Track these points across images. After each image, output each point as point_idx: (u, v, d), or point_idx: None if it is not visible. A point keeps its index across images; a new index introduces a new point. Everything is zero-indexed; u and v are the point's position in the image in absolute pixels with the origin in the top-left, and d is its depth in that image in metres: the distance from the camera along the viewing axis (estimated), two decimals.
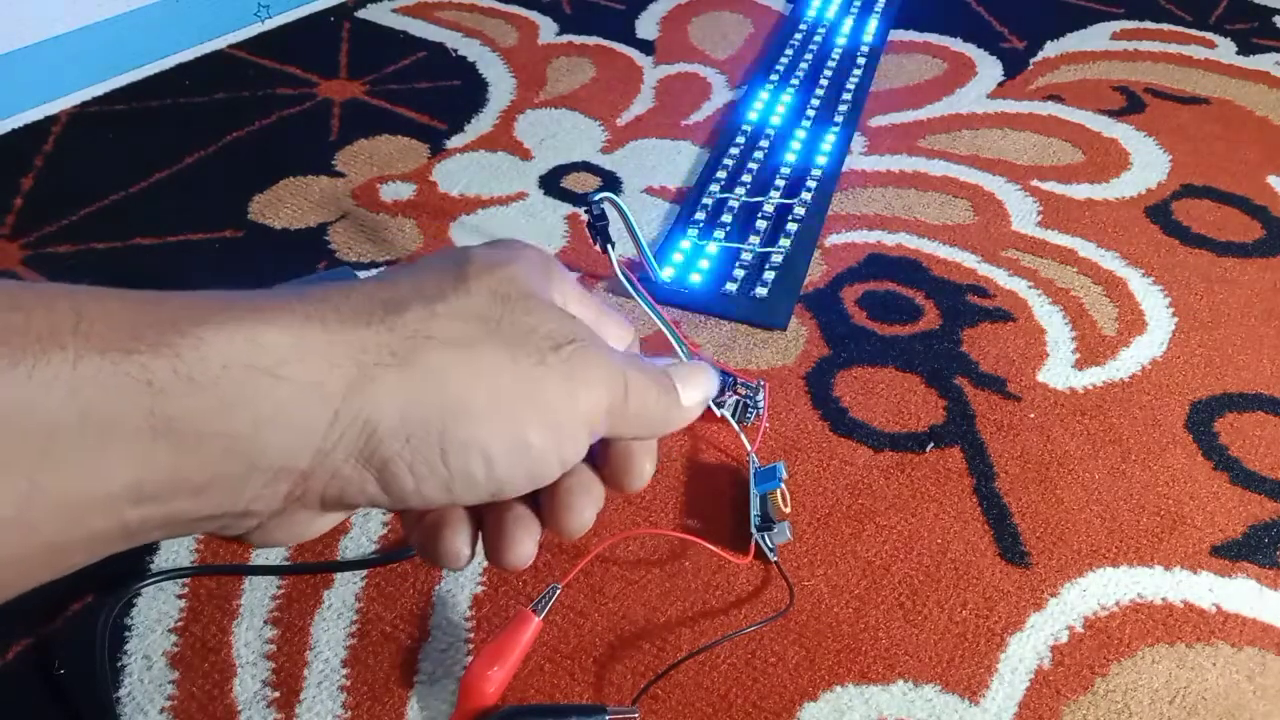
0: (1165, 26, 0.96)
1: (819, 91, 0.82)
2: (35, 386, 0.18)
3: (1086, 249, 0.67)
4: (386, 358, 0.22)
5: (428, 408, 0.22)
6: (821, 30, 0.92)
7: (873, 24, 0.93)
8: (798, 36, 0.91)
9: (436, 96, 0.82)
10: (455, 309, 0.23)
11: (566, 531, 0.26)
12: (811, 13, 0.95)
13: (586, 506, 0.26)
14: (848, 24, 0.94)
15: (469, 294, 0.24)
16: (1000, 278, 0.64)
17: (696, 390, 0.28)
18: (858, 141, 0.77)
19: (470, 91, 0.82)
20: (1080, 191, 0.72)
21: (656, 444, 0.28)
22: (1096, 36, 0.94)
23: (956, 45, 0.92)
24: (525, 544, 0.26)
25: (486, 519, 0.26)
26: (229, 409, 0.20)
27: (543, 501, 0.26)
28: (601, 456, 0.27)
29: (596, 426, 0.25)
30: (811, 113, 0.79)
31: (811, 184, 0.70)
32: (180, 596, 0.44)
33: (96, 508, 0.19)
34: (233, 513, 0.21)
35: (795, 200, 0.69)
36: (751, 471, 0.48)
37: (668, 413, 0.27)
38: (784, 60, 0.87)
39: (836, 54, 0.88)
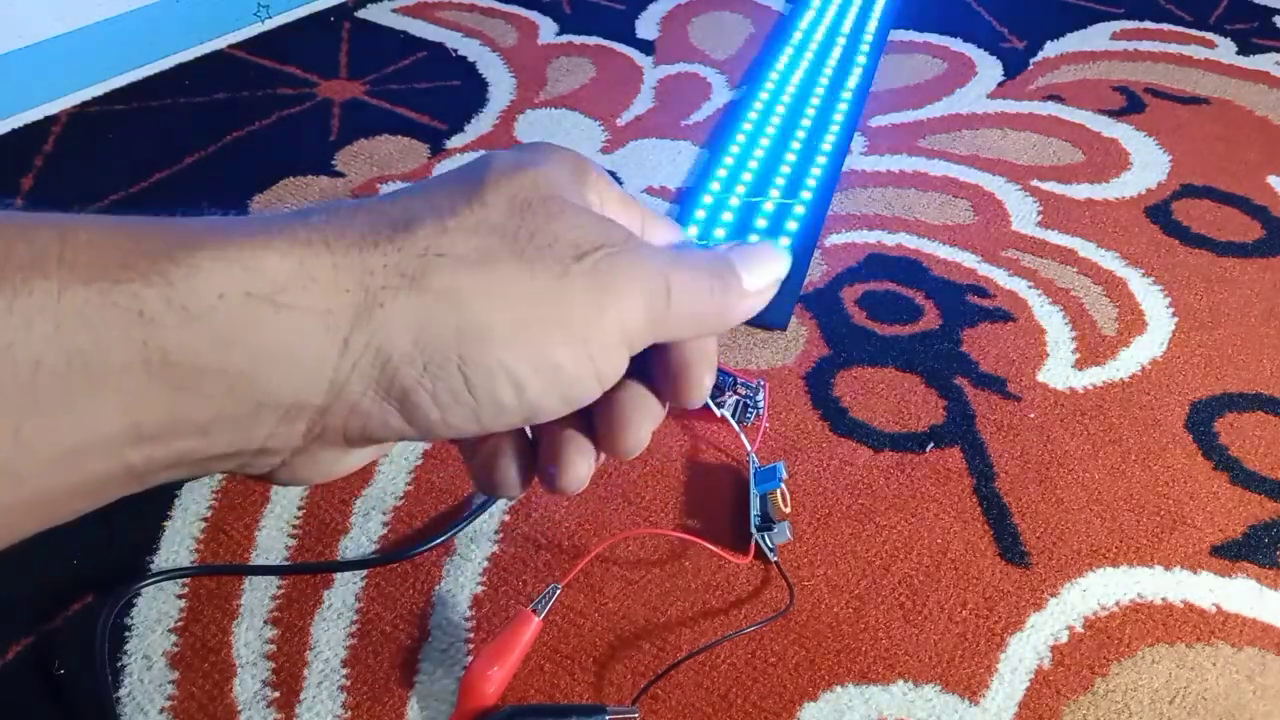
0: (1165, 26, 0.96)
1: (818, 91, 0.82)
2: (16, 321, 0.17)
3: (1086, 249, 0.67)
4: (396, 280, 0.20)
5: (443, 332, 0.20)
6: (821, 30, 0.92)
7: (873, 24, 0.93)
8: (798, 36, 0.91)
9: (436, 96, 0.82)
10: (469, 223, 0.21)
11: (622, 451, 0.25)
12: (811, 13, 0.95)
13: (642, 423, 0.25)
14: (848, 25, 0.94)
15: (485, 205, 0.22)
16: (1000, 278, 0.64)
17: (764, 272, 0.25)
18: (858, 141, 0.77)
19: (470, 91, 0.82)
20: (1080, 191, 0.72)
21: (715, 353, 0.26)
22: (1096, 36, 0.94)
23: (956, 45, 0.92)
24: (580, 466, 0.24)
25: (540, 444, 0.25)
26: (228, 342, 0.19)
27: (596, 422, 0.25)
28: (656, 369, 0.25)
29: (636, 337, 0.23)
30: (811, 112, 0.79)
31: (811, 184, 0.70)
32: (180, 596, 0.44)
33: (93, 452, 0.18)
34: (248, 450, 0.20)
35: (795, 200, 0.69)
36: (751, 471, 0.48)
37: (728, 304, 0.24)
38: (784, 60, 0.87)
39: (836, 53, 0.88)
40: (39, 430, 0.17)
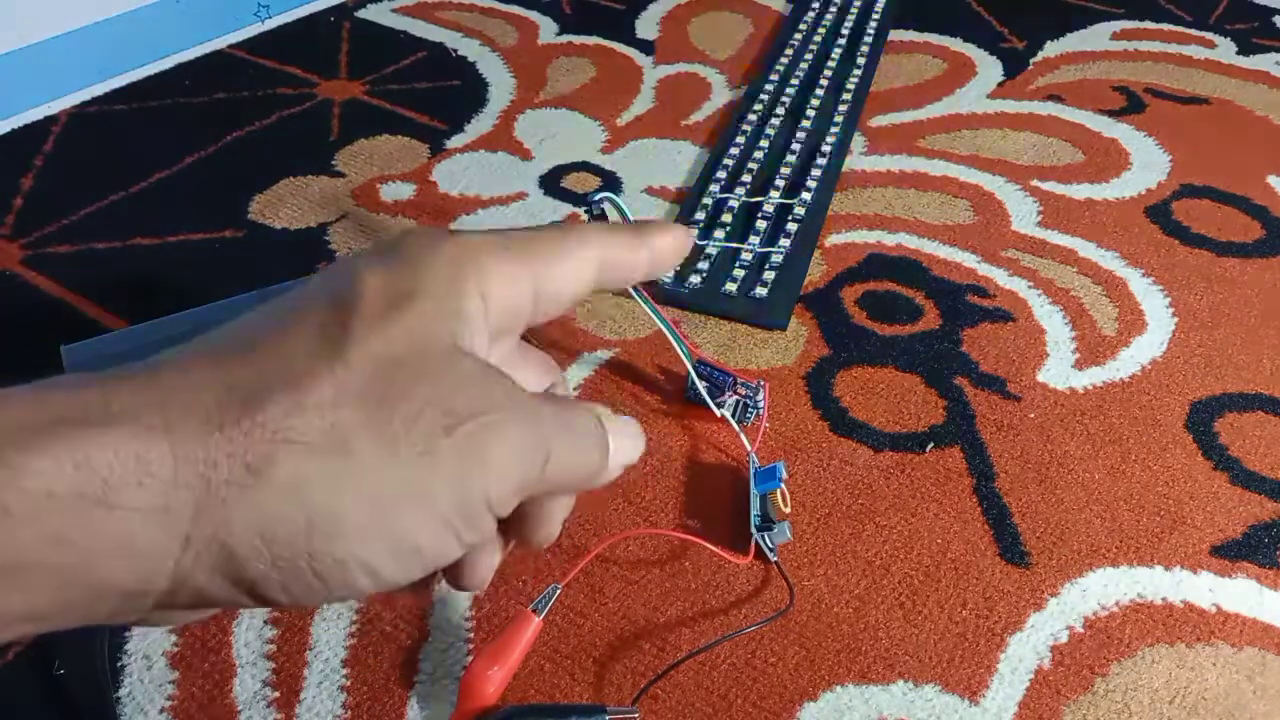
0: (1165, 26, 0.96)
1: (819, 91, 0.82)
2: None
3: (1086, 249, 0.67)
4: (239, 473, 0.19)
5: (290, 526, 0.19)
6: (822, 30, 0.92)
7: (873, 24, 0.93)
8: (798, 36, 0.91)
9: (436, 96, 0.82)
10: (327, 394, 0.20)
11: (464, 588, 0.25)
12: (811, 13, 0.95)
13: (483, 567, 0.25)
14: (848, 25, 0.93)
15: (348, 366, 0.20)
16: (1000, 278, 0.64)
17: (626, 450, 0.25)
18: (858, 141, 0.77)
19: (470, 91, 0.82)
20: (1080, 191, 0.72)
21: (572, 501, 0.26)
22: (1096, 36, 0.94)
23: (956, 45, 0.92)
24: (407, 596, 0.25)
25: None
26: (57, 542, 0.18)
27: None
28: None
29: (503, 505, 0.22)
30: (811, 113, 0.79)
31: (811, 184, 0.70)
32: None
33: None
34: (97, 619, 0.20)
35: (795, 200, 0.69)
36: (751, 471, 0.48)
37: (596, 474, 0.24)
38: (784, 60, 0.87)
39: (837, 54, 0.88)
40: None
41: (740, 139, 0.76)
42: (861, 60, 0.87)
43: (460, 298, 0.22)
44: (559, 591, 0.42)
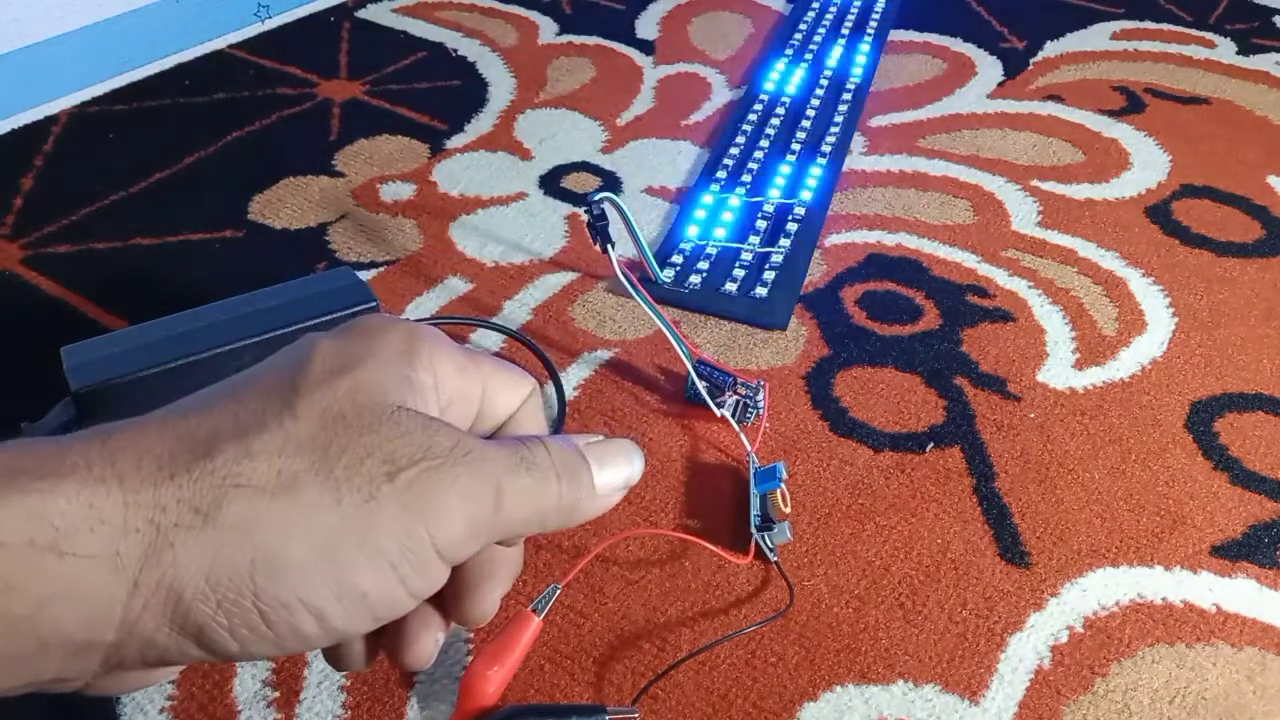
0: (1165, 26, 0.96)
1: (819, 91, 0.82)
2: None
3: (1086, 249, 0.67)
4: (188, 516, 0.19)
5: (236, 569, 0.20)
6: (822, 30, 0.92)
7: (873, 24, 0.93)
8: (798, 36, 0.91)
9: (436, 96, 0.82)
10: (275, 444, 0.21)
11: (404, 666, 0.25)
12: (811, 13, 0.95)
13: (425, 641, 0.24)
14: (848, 25, 0.94)
15: (295, 418, 0.21)
16: (1000, 278, 0.64)
17: (615, 473, 0.25)
18: (858, 141, 0.77)
19: (470, 91, 0.82)
20: (1080, 191, 0.72)
21: (508, 580, 0.26)
22: (1096, 36, 0.94)
23: (956, 45, 0.92)
24: (356, 661, 0.25)
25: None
26: (6, 590, 0.18)
27: (385, 630, 0.24)
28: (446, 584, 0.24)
29: (456, 551, 0.22)
30: (811, 113, 0.79)
31: (811, 184, 0.70)
32: None
33: None
34: (40, 681, 0.20)
35: (795, 200, 0.69)
36: (751, 471, 0.48)
37: (577, 502, 0.24)
38: (784, 60, 0.87)
39: (836, 54, 0.88)
40: None
41: (740, 139, 0.76)
42: (861, 60, 0.87)
43: (410, 368, 0.23)
44: (559, 591, 0.42)
